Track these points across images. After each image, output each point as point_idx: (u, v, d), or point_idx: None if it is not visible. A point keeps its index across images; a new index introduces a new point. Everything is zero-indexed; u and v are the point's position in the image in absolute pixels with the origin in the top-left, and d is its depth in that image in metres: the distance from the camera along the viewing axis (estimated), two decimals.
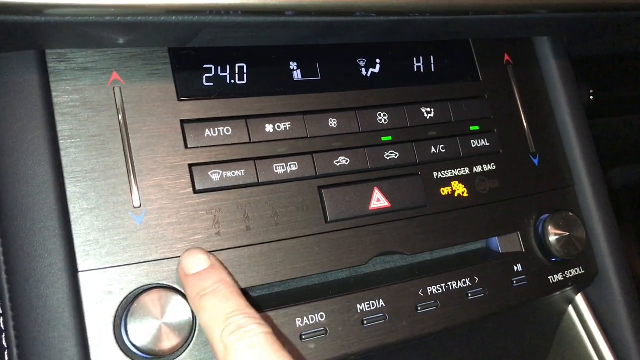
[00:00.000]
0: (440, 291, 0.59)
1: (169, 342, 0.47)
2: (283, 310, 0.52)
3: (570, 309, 0.72)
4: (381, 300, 0.56)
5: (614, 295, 0.70)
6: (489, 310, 0.61)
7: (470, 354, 0.68)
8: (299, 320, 0.52)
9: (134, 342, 0.46)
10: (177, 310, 0.48)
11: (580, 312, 0.71)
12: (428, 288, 0.58)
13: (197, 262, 0.49)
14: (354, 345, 0.54)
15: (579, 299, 0.71)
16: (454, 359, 0.66)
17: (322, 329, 0.53)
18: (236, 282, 0.51)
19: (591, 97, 0.87)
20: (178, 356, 0.48)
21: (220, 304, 0.46)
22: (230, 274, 0.50)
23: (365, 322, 0.55)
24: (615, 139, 0.98)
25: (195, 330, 0.49)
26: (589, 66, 0.87)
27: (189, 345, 0.49)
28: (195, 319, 0.49)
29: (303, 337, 0.52)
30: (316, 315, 0.53)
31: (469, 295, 0.60)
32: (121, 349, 0.47)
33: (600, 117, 0.88)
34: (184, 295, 0.49)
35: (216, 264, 0.50)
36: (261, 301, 0.53)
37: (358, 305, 0.55)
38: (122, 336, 0.47)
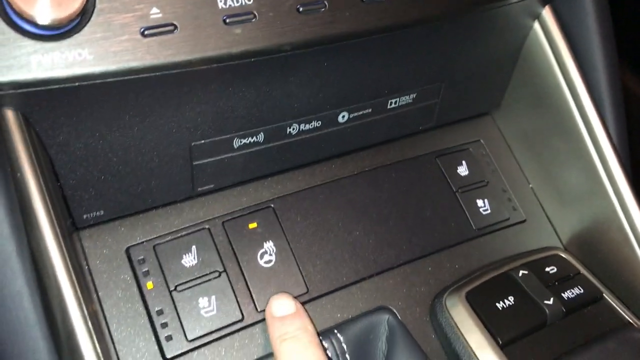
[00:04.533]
0: None
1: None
2: None
3: (537, 26, 0.65)
4: None
5: (584, 8, 0.64)
6: (444, 8, 0.54)
7: (431, 63, 0.62)
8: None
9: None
10: None
11: (548, 27, 0.65)
12: None
13: (283, 306, 0.53)
14: (288, 34, 0.47)
15: (547, 15, 0.64)
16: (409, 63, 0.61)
17: (249, 12, 0.46)
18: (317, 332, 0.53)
19: None
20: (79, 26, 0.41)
21: (298, 351, 0.49)
22: (312, 322, 0.53)
23: (301, 9, 0.48)
24: None
25: None
26: None
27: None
28: None
29: (227, 20, 0.45)
30: None
31: None
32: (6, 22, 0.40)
33: None
34: None
35: (301, 310, 0.54)
36: None
37: None
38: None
